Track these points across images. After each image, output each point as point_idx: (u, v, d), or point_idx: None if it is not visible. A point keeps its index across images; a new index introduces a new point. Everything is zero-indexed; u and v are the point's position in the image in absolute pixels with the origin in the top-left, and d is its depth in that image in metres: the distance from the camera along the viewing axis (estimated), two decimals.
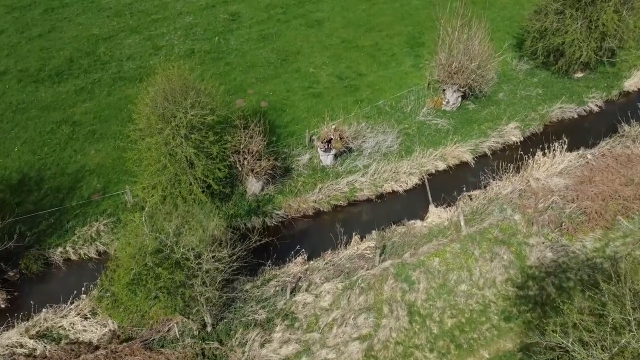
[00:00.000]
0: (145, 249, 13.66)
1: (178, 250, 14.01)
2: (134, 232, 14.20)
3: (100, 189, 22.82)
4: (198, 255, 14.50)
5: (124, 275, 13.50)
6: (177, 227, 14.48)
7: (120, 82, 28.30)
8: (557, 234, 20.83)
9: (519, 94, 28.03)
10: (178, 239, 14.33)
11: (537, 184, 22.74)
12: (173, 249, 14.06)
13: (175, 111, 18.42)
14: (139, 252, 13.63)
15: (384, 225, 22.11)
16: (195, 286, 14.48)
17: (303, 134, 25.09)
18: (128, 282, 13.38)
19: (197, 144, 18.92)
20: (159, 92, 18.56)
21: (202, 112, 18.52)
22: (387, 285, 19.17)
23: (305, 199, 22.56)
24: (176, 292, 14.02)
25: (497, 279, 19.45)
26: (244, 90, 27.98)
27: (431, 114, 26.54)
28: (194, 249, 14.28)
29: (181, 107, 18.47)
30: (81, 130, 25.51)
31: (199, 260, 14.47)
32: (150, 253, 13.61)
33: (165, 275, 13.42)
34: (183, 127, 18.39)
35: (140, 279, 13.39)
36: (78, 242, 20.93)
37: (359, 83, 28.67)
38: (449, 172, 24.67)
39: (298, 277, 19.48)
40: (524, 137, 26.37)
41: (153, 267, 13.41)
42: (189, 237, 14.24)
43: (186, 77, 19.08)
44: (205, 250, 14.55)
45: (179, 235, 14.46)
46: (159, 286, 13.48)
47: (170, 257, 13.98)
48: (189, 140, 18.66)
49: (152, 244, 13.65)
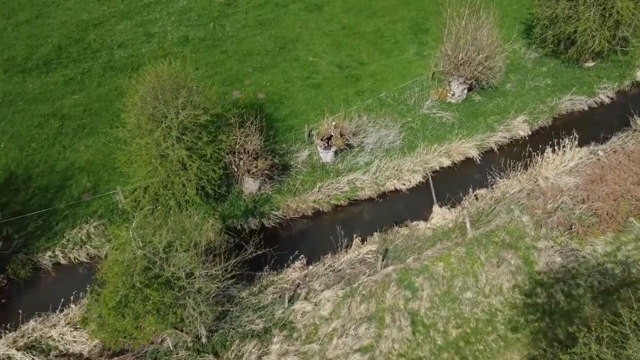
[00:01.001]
0: (133, 267, 12.80)
1: (168, 269, 13.16)
2: (122, 248, 13.32)
3: (90, 188, 21.89)
4: (190, 273, 13.66)
5: (110, 297, 12.69)
6: (168, 242, 13.58)
7: (111, 72, 27.10)
8: (566, 237, 19.98)
9: (527, 84, 26.86)
10: (168, 255, 13.46)
11: (546, 183, 21.80)
12: (163, 267, 13.22)
13: (166, 112, 17.37)
14: (127, 270, 12.78)
15: (386, 227, 21.26)
16: (188, 305, 13.69)
17: (302, 128, 24.04)
18: (115, 304, 12.57)
19: (189, 145, 17.92)
20: (148, 91, 17.46)
21: (195, 112, 17.46)
22: (389, 292, 18.41)
23: (304, 199, 21.65)
24: (167, 312, 13.24)
25: (504, 285, 18.69)
26: (240, 81, 26.80)
27: (435, 107, 25.43)
28: (185, 266, 13.42)
29: (172, 107, 17.41)
30: (70, 124, 24.44)
31: (191, 279, 13.64)
32: (139, 272, 12.77)
33: (154, 297, 12.61)
34: (175, 129, 17.36)
35: (127, 302, 12.59)
36: (67, 246, 20.10)
37: (360, 73, 27.47)
38: (453, 168, 23.70)
39: (297, 283, 18.72)
40: (532, 130, 25.32)
41: (141, 288, 12.59)
42: (181, 254, 13.36)
43: (177, 74, 17.93)
44: (198, 267, 13.69)
45: (170, 250, 13.59)
46: (147, 309, 12.68)
47: (160, 276, 13.14)
48: (181, 141, 17.65)
49: (140, 262, 12.80)
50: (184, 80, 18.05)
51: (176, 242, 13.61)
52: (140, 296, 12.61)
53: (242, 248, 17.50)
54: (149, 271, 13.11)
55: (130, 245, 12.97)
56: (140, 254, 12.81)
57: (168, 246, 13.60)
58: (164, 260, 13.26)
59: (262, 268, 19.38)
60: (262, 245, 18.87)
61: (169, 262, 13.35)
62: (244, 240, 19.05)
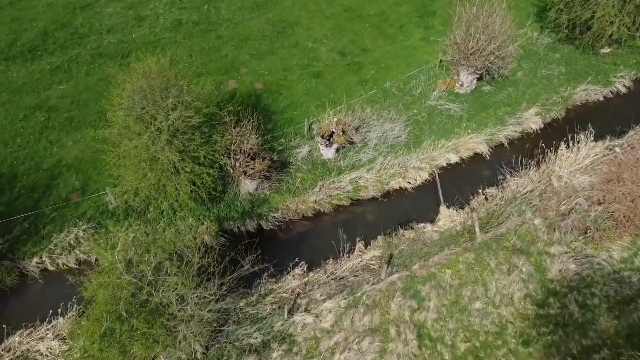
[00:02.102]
0: (119, 293, 11.79)
1: (158, 295, 12.15)
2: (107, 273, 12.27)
3: (79, 188, 20.75)
4: (182, 299, 12.65)
5: (94, 329, 11.71)
6: (158, 263, 12.52)
7: (100, 60, 25.64)
8: (581, 242, 18.93)
9: (539, 73, 25.42)
10: (158, 278, 12.42)
11: (560, 182, 20.65)
12: (152, 293, 12.20)
13: (156, 113, 16.09)
14: (112, 297, 11.77)
15: (391, 229, 20.21)
16: (181, 331, 12.73)
17: (302, 122, 22.74)
18: (99, 337, 11.60)
19: (181, 149, 16.71)
20: (136, 91, 16.14)
21: (186, 113, 16.18)
22: (394, 302, 17.48)
23: (305, 200, 20.54)
24: (157, 339, 12.29)
25: (515, 295, 17.74)
26: (236, 70, 25.37)
27: (443, 98, 24.07)
28: (177, 291, 12.40)
29: (162, 108, 16.12)
30: (58, 117, 23.14)
31: (183, 305, 12.63)
32: (125, 299, 11.76)
33: (142, 328, 11.64)
34: (165, 132, 16.11)
35: (113, 334, 11.62)
36: (56, 251, 19.08)
37: (363, 60, 26.00)
38: (462, 165, 22.51)
39: (297, 293, 17.77)
40: (545, 123, 24.04)
41: (128, 319, 11.60)
42: (172, 277, 12.32)
43: (167, 72, 16.58)
44: (190, 290, 12.66)
45: (160, 272, 12.54)
46: (135, 340, 11.73)
47: (149, 302, 12.14)
48: (172, 145, 16.42)
49: (127, 289, 11.78)
50: (174, 78, 16.67)
51: (166, 263, 12.55)
52: (126, 327, 11.64)
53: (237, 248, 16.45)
54: (137, 297, 12.10)
55: (115, 270, 11.92)
56: (127, 281, 11.78)
57: (157, 268, 12.56)
58: (152, 286, 12.24)
59: (261, 275, 18.41)
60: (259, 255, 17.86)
61: (158, 285, 12.32)
62: (240, 252, 17.98)
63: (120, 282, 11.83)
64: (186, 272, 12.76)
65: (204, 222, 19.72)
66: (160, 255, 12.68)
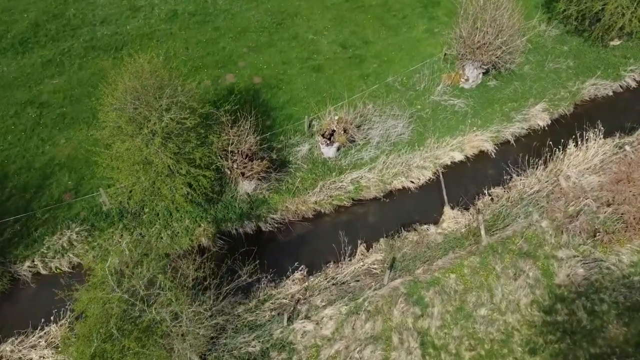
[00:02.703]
0: (110, 311, 11.24)
1: (151, 311, 11.58)
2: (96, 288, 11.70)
3: (72, 188, 20.11)
4: (175, 316, 12.09)
5: (84, 348, 11.18)
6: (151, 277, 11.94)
7: (93, 53, 24.80)
8: (589, 245, 18.37)
9: (547, 66, 24.62)
10: (151, 293, 11.85)
11: (568, 182, 20.01)
12: (144, 309, 11.64)
13: (149, 114, 15.39)
14: (103, 314, 11.22)
15: (393, 230, 19.64)
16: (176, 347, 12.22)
17: (301, 118, 22.03)
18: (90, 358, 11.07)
19: (176, 151, 16.04)
20: (127, 91, 15.42)
21: (181, 115, 15.47)
22: (396, 308, 16.97)
23: (305, 200, 19.92)
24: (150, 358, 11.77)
25: (521, 301, 17.23)
26: (234, 63, 24.55)
27: (447, 93, 23.31)
28: (171, 306, 11.84)
29: (155, 109, 15.41)
30: (49, 113, 22.39)
31: (177, 322, 12.08)
32: (116, 316, 11.21)
33: (134, 347, 11.10)
34: (158, 134, 15.42)
35: (104, 354, 11.09)
36: (48, 254, 18.52)
37: (364, 53, 25.17)
38: (466, 163, 21.85)
39: (296, 299, 17.25)
40: (552, 119, 23.31)
41: (119, 337, 11.06)
42: (166, 292, 11.74)
43: (160, 71, 15.83)
44: (185, 305, 12.09)
45: (153, 287, 11.97)
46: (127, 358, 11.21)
47: (142, 318, 11.59)
48: (166, 147, 15.74)
49: (119, 305, 11.21)
50: (167, 77, 15.92)
51: (160, 276, 11.97)
52: (118, 347, 11.12)
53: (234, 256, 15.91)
54: (129, 312, 11.55)
55: (106, 286, 11.35)
56: (118, 297, 11.22)
57: (150, 282, 11.99)
58: (145, 301, 11.67)
59: (260, 280, 17.87)
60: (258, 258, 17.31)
61: (151, 301, 11.76)
62: (237, 261, 17.42)
63: (111, 297, 11.27)
64: (180, 286, 12.19)
65: (200, 223, 19.15)
66: (153, 268, 12.09)
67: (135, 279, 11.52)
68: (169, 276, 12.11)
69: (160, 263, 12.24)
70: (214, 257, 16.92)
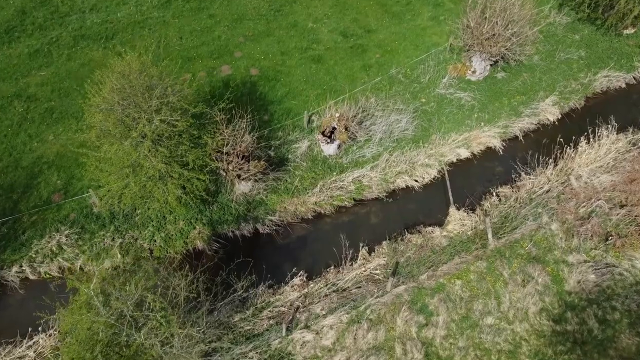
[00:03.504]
0: (95, 335, 10.50)
1: (140, 336, 10.84)
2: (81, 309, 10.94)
3: (61, 188, 19.24)
4: (166, 339, 11.35)
5: None
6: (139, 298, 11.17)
7: (82, 42, 23.68)
8: (601, 249, 17.60)
9: (557, 56, 23.54)
10: (140, 315, 11.09)
11: (579, 182, 19.15)
12: (132, 333, 10.89)
13: (138, 116, 14.44)
14: (87, 339, 10.48)
15: (396, 232, 18.87)
16: None
17: (301, 112, 21.04)
18: None
19: (167, 154, 15.14)
20: (114, 91, 14.44)
21: (172, 117, 14.52)
22: (400, 317, 16.27)
23: (304, 201, 19.08)
24: None
25: (530, 309, 16.52)
26: (230, 53, 23.46)
27: (453, 85, 22.29)
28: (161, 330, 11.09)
29: (144, 111, 14.45)
30: (37, 107, 21.40)
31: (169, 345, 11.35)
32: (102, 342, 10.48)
33: None
34: (148, 138, 14.49)
35: None
36: (36, 259, 17.75)
37: (367, 42, 24.06)
38: (472, 161, 20.96)
39: (296, 307, 16.53)
40: (562, 113, 22.34)
41: None
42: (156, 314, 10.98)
43: (149, 70, 14.82)
44: (175, 329, 11.35)
45: (142, 308, 11.21)
46: None
47: (130, 344, 10.86)
48: (157, 151, 14.84)
49: (104, 330, 10.47)
50: (157, 76, 14.92)
51: (149, 297, 11.20)
52: None
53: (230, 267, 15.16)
54: (116, 338, 10.82)
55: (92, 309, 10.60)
56: (103, 321, 10.47)
57: (139, 304, 11.22)
58: (133, 325, 10.93)
59: (257, 286, 17.16)
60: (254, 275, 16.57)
61: (139, 323, 11.02)
62: (232, 272, 16.67)
63: (97, 321, 10.53)
64: (171, 305, 11.44)
65: (195, 226, 18.34)
66: (141, 286, 11.32)
67: (121, 301, 10.76)
68: (159, 296, 11.33)
69: (149, 282, 11.45)
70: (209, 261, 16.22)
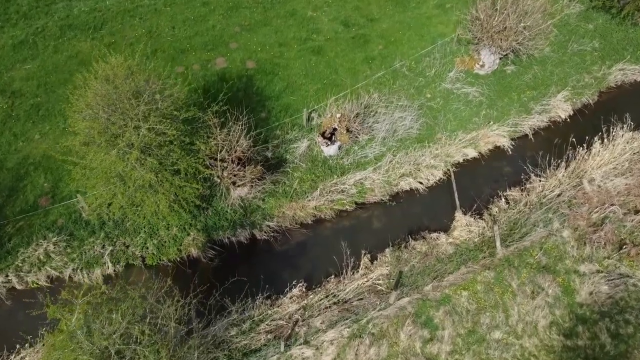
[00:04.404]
0: None
1: None
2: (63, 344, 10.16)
3: (48, 191, 18.32)
4: None
5: None
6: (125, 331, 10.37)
7: (70, 32, 22.45)
8: (615, 259, 16.80)
9: (570, 48, 22.38)
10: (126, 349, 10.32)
11: (592, 185, 18.24)
12: None
13: (124, 125, 13.44)
14: None
15: (400, 238, 18.04)
16: None
17: (299, 109, 20.02)
18: None
19: (155, 165, 14.17)
20: (98, 96, 13.41)
21: (162, 125, 13.51)
22: (403, 331, 15.56)
23: (303, 205, 18.19)
24: None
25: (539, 323, 15.80)
26: (225, 44, 22.27)
27: (460, 80, 21.19)
28: None
29: (131, 118, 13.44)
30: (22, 104, 20.31)
31: None
32: None
33: None
34: (136, 148, 13.52)
35: None
36: (23, 268, 16.95)
37: (369, 32, 22.85)
38: (480, 161, 20.01)
39: (294, 320, 15.79)
40: (575, 109, 21.30)
41: None
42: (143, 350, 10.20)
43: (135, 76, 13.75)
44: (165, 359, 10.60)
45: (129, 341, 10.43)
46: None
47: None
48: (145, 162, 13.88)
49: None
50: (144, 80, 13.85)
51: (135, 329, 10.41)
52: None
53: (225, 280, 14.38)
54: None
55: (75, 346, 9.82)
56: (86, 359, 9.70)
57: (125, 338, 10.44)
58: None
59: (254, 296, 16.40)
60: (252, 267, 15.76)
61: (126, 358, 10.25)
62: (228, 283, 15.87)
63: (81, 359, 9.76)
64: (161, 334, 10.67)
65: (189, 232, 17.50)
66: (129, 315, 10.52)
67: (106, 337, 9.97)
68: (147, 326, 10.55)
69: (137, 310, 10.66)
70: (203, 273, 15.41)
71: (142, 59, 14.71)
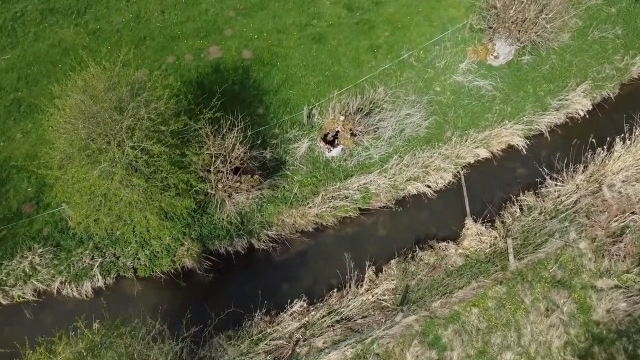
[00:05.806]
0: None
1: None
2: None
3: (32, 197, 17.19)
4: None
5: None
6: None
7: (51, 17, 20.78)
8: (635, 273, 15.84)
9: (590, 35, 20.77)
10: None
11: (612, 191, 17.10)
12: None
13: (106, 142, 12.19)
14: None
15: (406, 247, 17.05)
16: None
17: (300, 104, 18.67)
18: None
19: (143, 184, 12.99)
20: (77, 111, 12.11)
21: (148, 142, 12.25)
22: (410, 352, 14.77)
23: (304, 213, 17.10)
24: None
25: (553, 343, 14.99)
26: (219, 31, 20.64)
27: (472, 72, 19.71)
28: None
29: (114, 136, 12.18)
30: (2, 99, 18.89)
31: None
32: None
33: None
34: (120, 166, 12.32)
35: None
36: (8, 281, 16.00)
37: (374, 17, 21.18)
38: (492, 162, 18.79)
39: (295, 339, 14.98)
40: (594, 104, 19.92)
41: None
42: None
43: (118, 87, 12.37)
44: None
45: None
46: None
47: None
48: (130, 182, 12.70)
49: None
50: (130, 91, 12.50)
51: None
52: None
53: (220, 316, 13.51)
54: None
55: None
56: None
57: None
58: None
59: (252, 313, 15.55)
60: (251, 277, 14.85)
61: None
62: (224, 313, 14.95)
63: None
64: None
65: (183, 241, 16.50)
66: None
67: None
68: None
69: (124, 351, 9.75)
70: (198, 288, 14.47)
71: (126, 60, 13.28)
